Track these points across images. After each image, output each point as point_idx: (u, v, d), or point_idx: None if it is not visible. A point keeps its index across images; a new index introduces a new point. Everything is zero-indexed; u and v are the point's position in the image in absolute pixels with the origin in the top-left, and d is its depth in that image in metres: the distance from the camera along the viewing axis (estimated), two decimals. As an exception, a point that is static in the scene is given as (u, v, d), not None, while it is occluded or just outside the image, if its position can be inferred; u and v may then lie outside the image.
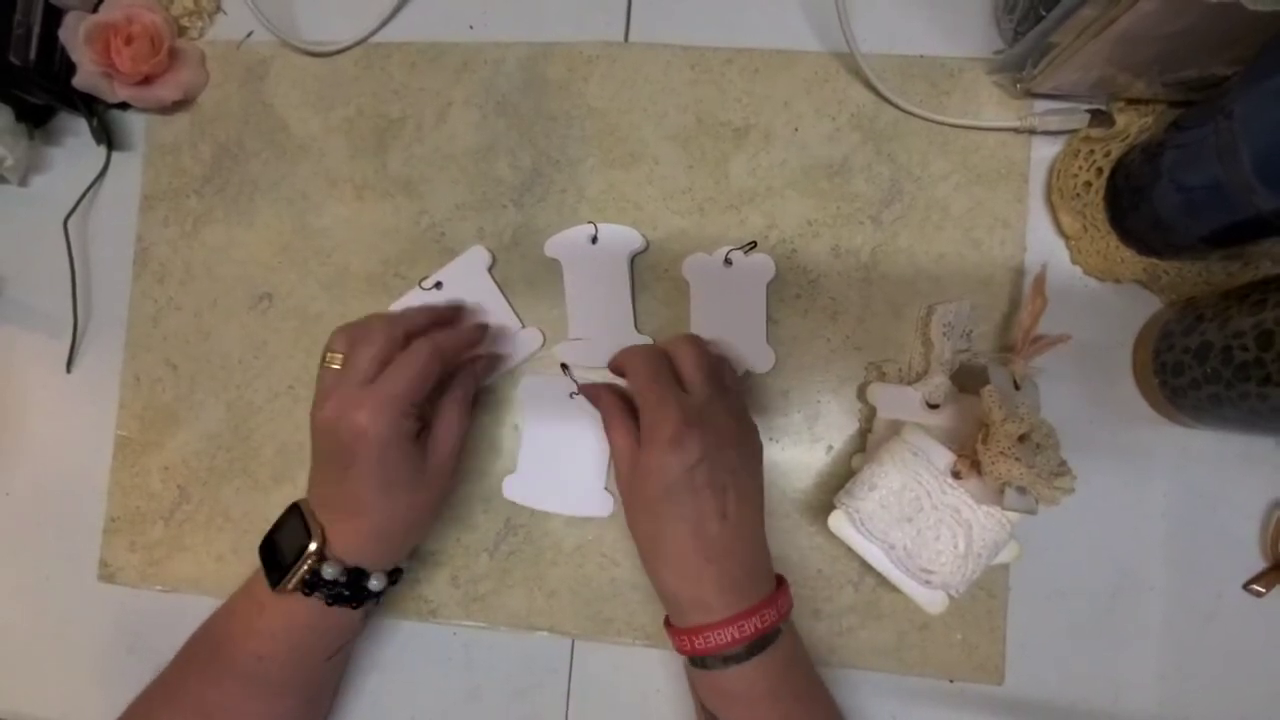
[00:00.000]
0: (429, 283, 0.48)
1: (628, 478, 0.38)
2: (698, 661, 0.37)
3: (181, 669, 0.41)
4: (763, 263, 0.46)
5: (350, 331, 0.40)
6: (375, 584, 0.39)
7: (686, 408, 0.37)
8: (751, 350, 0.46)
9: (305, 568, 0.38)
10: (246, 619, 0.40)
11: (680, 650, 0.38)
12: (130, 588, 0.49)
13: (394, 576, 0.42)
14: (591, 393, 0.42)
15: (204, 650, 0.41)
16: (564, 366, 0.47)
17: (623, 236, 0.47)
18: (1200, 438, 0.44)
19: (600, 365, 0.45)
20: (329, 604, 0.39)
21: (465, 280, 0.48)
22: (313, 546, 0.38)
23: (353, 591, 0.39)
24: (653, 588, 0.39)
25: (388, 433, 0.37)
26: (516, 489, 0.47)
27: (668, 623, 0.39)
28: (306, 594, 0.38)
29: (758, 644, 0.36)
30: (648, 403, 0.38)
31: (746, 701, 0.36)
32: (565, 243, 0.48)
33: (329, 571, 0.38)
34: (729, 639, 0.35)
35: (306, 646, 0.40)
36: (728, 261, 0.47)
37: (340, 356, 0.40)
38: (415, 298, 0.48)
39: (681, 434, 0.36)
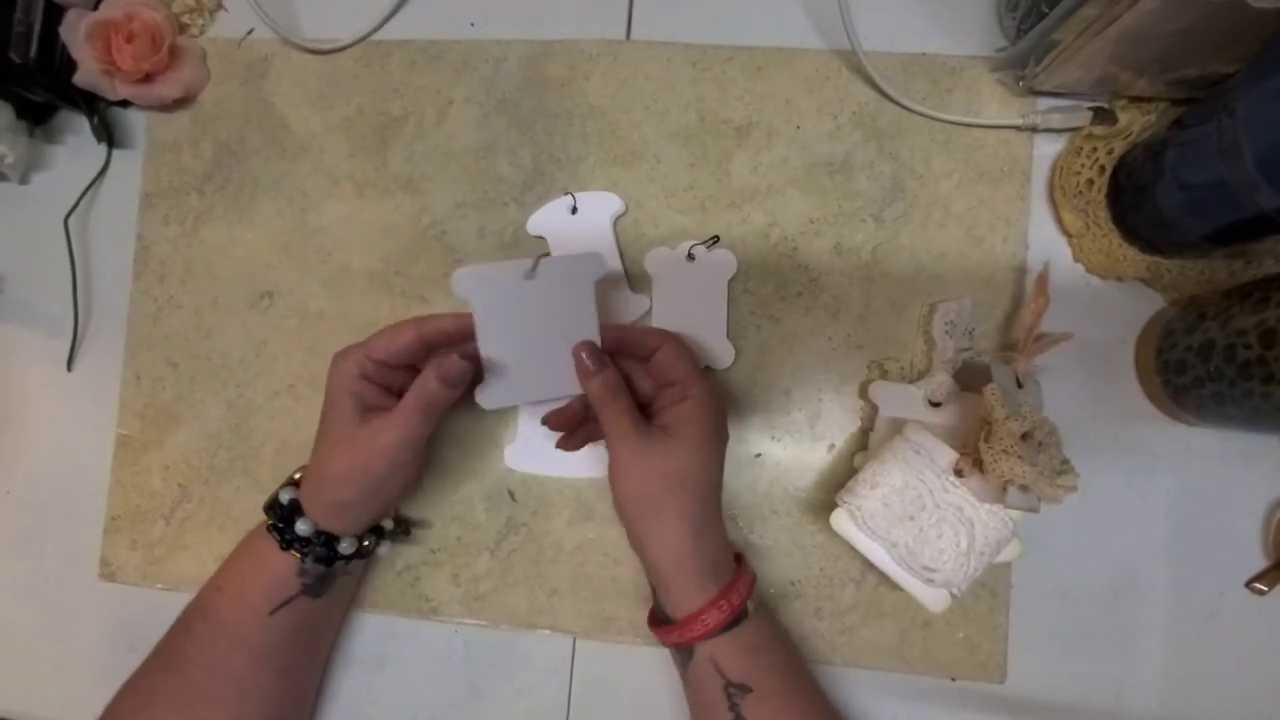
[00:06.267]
0: (568, 204, 0.47)
1: (657, 459, 0.39)
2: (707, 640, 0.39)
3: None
4: (725, 258, 0.47)
5: None
6: (301, 528, 0.40)
7: (722, 404, 0.41)
8: (712, 345, 0.46)
9: (274, 493, 0.42)
10: (226, 558, 0.44)
11: (697, 635, 0.39)
12: (131, 586, 0.49)
13: (330, 545, 0.41)
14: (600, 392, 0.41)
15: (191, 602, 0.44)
16: None
17: (602, 202, 0.47)
18: (1203, 436, 0.44)
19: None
20: (268, 530, 0.41)
21: (596, 215, 0.47)
22: (292, 475, 0.43)
23: (286, 527, 0.41)
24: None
25: (335, 383, 0.40)
26: (518, 457, 0.47)
27: (653, 623, 0.41)
28: (268, 519, 0.42)
29: (743, 612, 0.39)
30: (694, 388, 0.39)
31: (764, 650, 0.40)
32: (547, 218, 0.48)
33: (284, 495, 0.41)
34: (735, 604, 0.39)
35: (248, 582, 0.42)
36: (690, 256, 0.47)
37: None
38: (551, 211, 0.47)
39: (720, 429, 0.40)
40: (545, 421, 0.42)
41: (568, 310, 0.40)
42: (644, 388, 0.42)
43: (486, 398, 0.41)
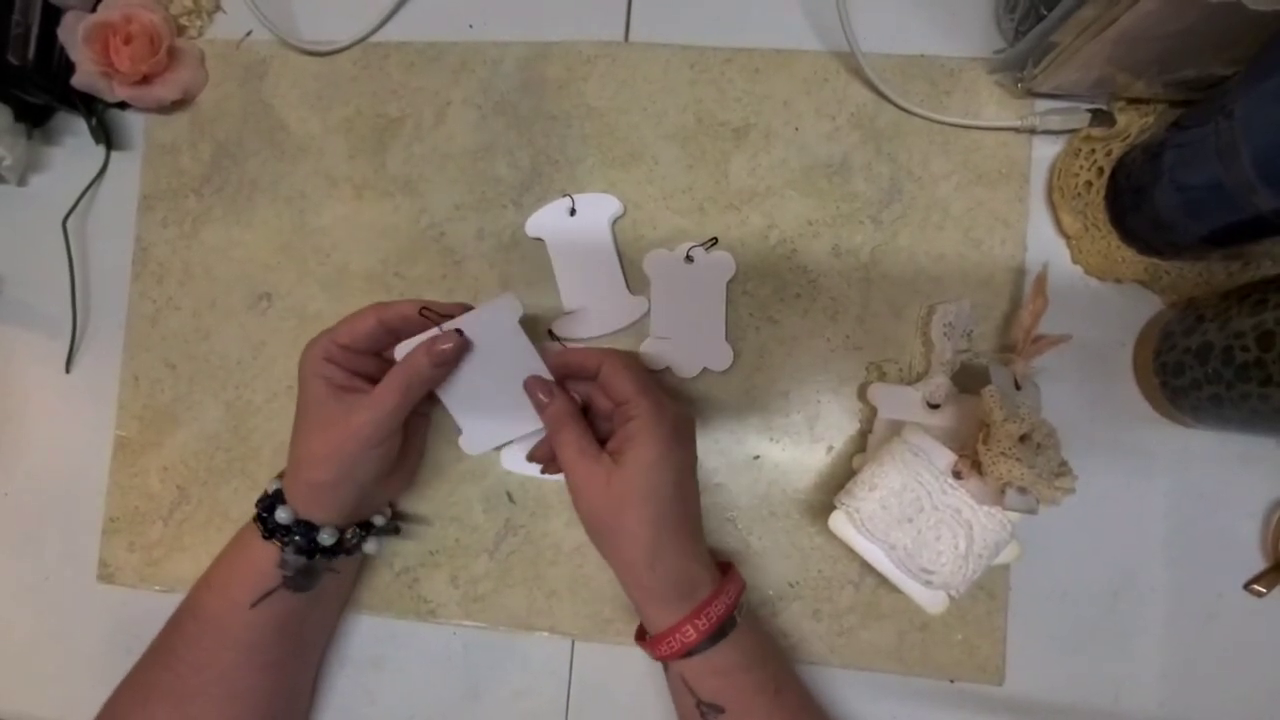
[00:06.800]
0: (566, 206, 0.47)
1: (603, 483, 0.38)
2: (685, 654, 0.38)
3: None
4: (723, 260, 0.47)
5: None
6: (281, 515, 0.40)
7: (680, 416, 0.40)
8: (710, 348, 0.46)
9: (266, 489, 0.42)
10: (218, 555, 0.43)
11: (665, 656, 0.39)
12: (129, 588, 0.49)
13: (309, 535, 0.41)
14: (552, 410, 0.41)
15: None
16: (550, 333, 0.47)
17: (600, 203, 0.47)
18: (1201, 438, 0.44)
19: (597, 334, 0.47)
20: (255, 520, 0.41)
21: (594, 217, 0.47)
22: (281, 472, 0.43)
23: (268, 515, 0.41)
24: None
25: (305, 368, 0.40)
26: (516, 459, 0.47)
27: (639, 636, 0.41)
28: (256, 510, 0.42)
29: (718, 633, 0.38)
30: (637, 407, 0.38)
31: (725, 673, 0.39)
32: (545, 219, 0.48)
33: (272, 486, 0.42)
34: (701, 630, 0.38)
35: (234, 575, 0.42)
36: (689, 258, 0.47)
37: None
38: (549, 212, 0.48)
39: (675, 444, 0.38)
40: (530, 458, 0.43)
41: (506, 354, 0.41)
42: (606, 406, 0.41)
43: (470, 444, 0.44)
